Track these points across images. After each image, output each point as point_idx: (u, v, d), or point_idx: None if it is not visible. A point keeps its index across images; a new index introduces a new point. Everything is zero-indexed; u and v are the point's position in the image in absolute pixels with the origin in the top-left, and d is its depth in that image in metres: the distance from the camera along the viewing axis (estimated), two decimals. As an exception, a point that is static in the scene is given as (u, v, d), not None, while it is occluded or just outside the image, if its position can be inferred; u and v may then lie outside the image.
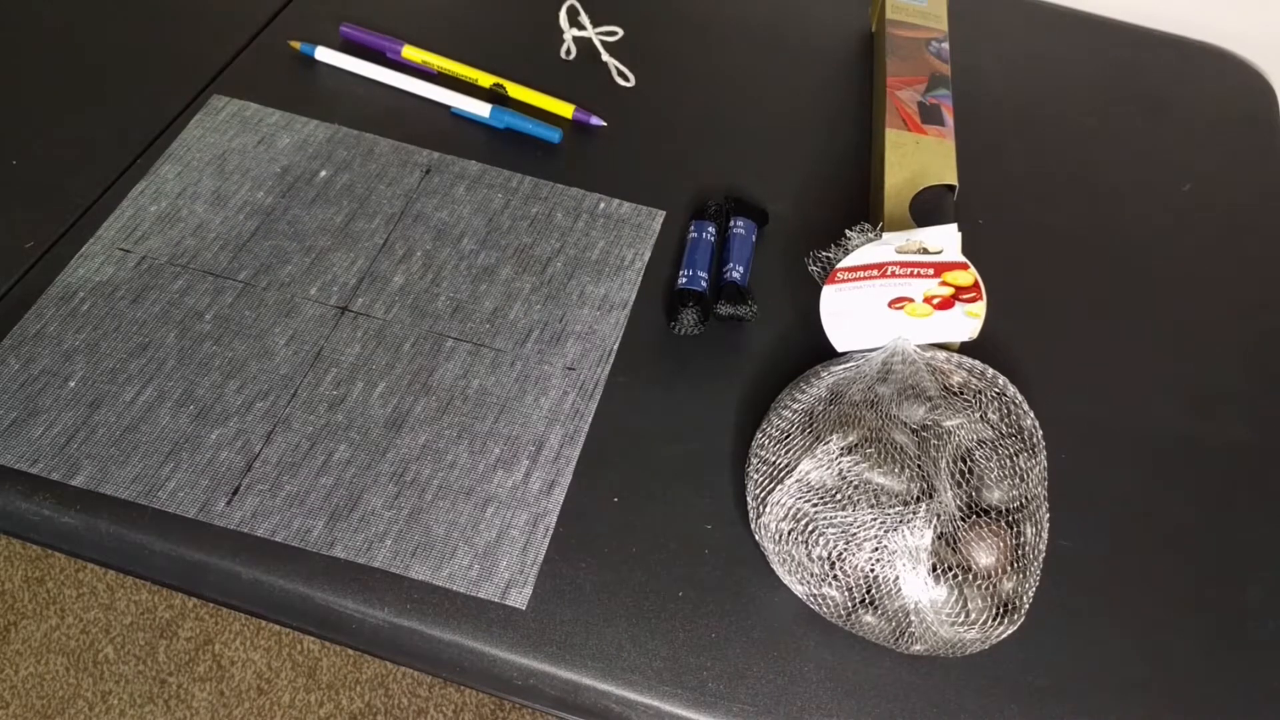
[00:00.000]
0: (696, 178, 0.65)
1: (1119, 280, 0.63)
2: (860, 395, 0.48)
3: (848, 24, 0.77)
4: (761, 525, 0.47)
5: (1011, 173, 0.69)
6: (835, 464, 0.46)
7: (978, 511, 0.45)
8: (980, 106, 0.72)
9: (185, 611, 1.25)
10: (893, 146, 0.63)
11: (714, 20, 0.76)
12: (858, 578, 0.45)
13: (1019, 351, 0.59)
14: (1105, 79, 0.76)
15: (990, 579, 0.44)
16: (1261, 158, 0.72)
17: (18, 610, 1.25)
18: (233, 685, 1.21)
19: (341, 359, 0.54)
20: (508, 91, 0.68)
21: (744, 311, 0.57)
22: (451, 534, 0.49)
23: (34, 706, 1.18)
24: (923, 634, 0.44)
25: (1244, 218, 0.68)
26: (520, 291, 0.58)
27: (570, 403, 0.54)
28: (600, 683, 0.46)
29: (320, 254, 0.58)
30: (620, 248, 0.61)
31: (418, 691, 1.21)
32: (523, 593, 0.47)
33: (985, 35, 0.78)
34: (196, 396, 0.52)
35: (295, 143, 0.63)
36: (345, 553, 0.48)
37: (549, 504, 0.50)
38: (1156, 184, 0.69)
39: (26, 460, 0.49)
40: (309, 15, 0.72)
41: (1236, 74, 0.78)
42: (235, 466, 0.50)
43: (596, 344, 0.56)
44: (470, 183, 0.63)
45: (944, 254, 0.49)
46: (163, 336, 0.54)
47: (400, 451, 0.51)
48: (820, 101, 0.71)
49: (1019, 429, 0.48)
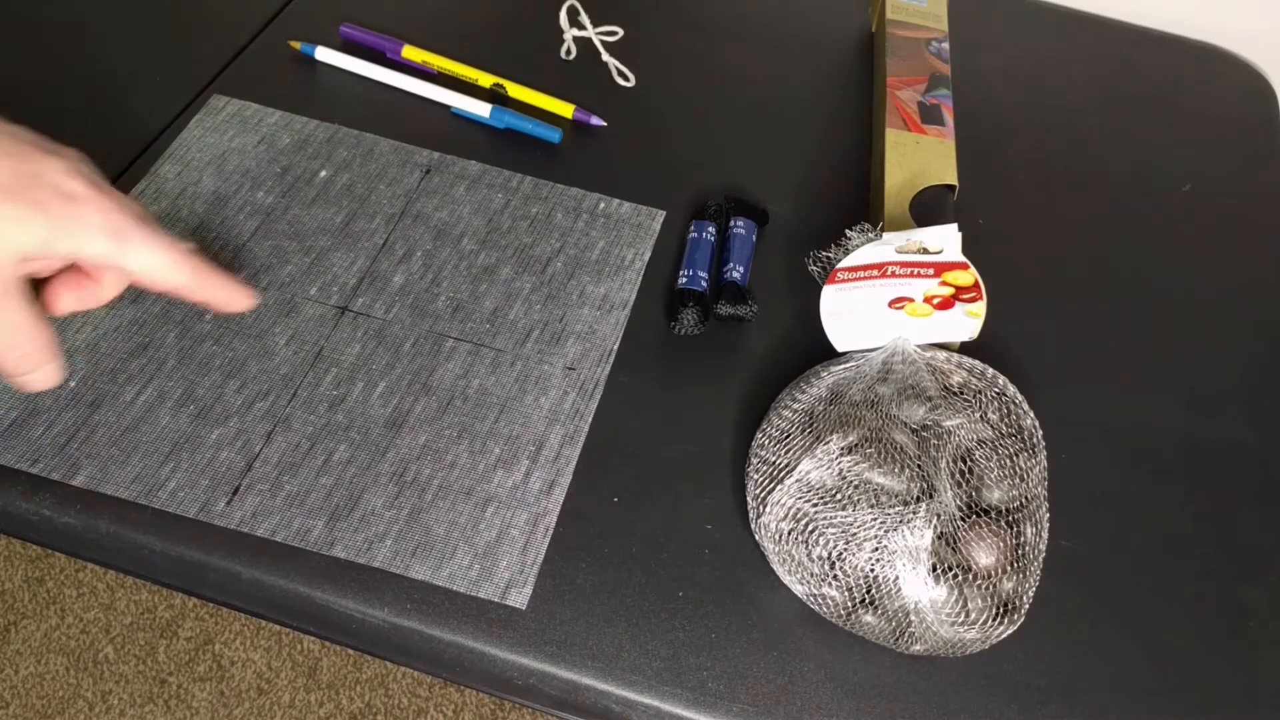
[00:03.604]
0: (696, 178, 0.65)
1: (1119, 280, 0.63)
2: (860, 395, 0.48)
3: (848, 24, 0.77)
4: (761, 525, 0.47)
5: (1011, 173, 0.69)
6: (835, 464, 0.46)
7: (978, 511, 0.45)
8: (980, 106, 0.72)
9: (185, 611, 1.25)
10: (893, 146, 0.63)
11: (714, 20, 0.76)
12: (858, 578, 0.45)
13: (1019, 351, 0.59)
14: (1105, 79, 0.76)
15: (990, 579, 0.44)
16: (1261, 158, 0.72)
17: (18, 610, 1.25)
18: (233, 685, 1.21)
19: (341, 359, 0.54)
20: (508, 91, 0.68)
21: (744, 311, 0.57)
22: (451, 534, 0.49)
23: (34, 706, 1.18)
24: (923, 634, 0.44)
25: (1244, 218, 0.68)
26: (520, 291, 0.58)
27: (570, 403, 0.54)
28: (600, 683, 0.46)
29: (320, 254, 0.58)
30: (620, 248, 0.61)
31: (418, 691, 1.21)
32: (523, 593, 0.47)
33: (985, 35, 0.78)
34: (196, 396, 0.52)
35: (295, 143, 0.63)
36: (345, 553, 0.48)
37: (549, 504, 0.50)
38: (1156, 184, 0.69)
39: (26, 460, 0.49)
40: (309, 15, 0.72)
41: (1236, 74, 0.78)
42: (235, 466, 0.50)
43: (596, 344, 0.56)
44: (470, 183, 0.63)
45: (944, 254, 0.49)
46: (163, 336, 0.54)
47: (400, 451, 0.51)
48: (820, 101, 0.71)
49: (1019, 429, 0.48)
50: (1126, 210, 0.67)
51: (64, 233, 0.42)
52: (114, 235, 0.43)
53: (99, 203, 0.43)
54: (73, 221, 0.42)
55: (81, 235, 0.42)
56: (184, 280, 0.45)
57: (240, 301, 0.48)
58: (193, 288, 0.46)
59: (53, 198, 0.41)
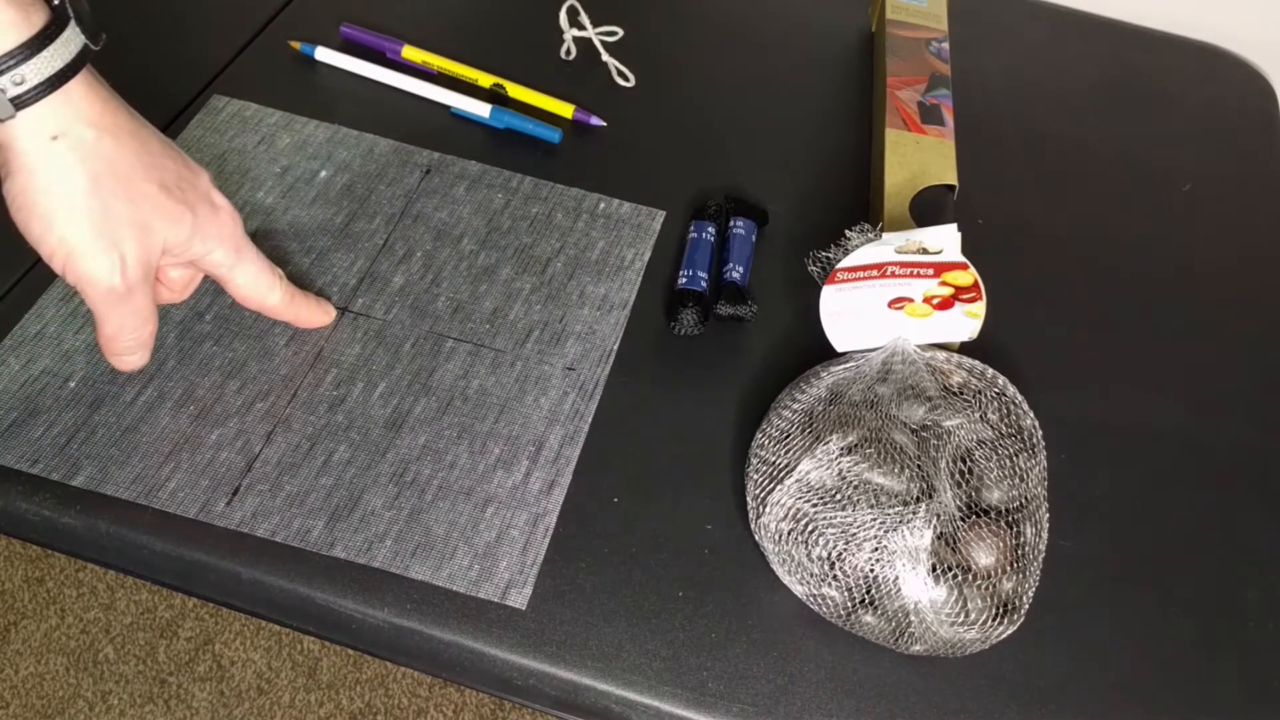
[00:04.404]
0: (696, 178, 0.65)
1: (1119, 280, 0.63)
2: (860, 395, 0.48)
3: (848, 24, 0.77)
4: (761, 525, 0.47)
5: (1011, 173, 0.69)
6: (835, 464, 0.46)
7: (977, 511, 0.45)
8: (980, 106, 0.72)
9: (185, 611, 1.25)
10: (893, 146, 0.63)
11: (714, 20, 0.76)
12: (858, 578, 0.45)
13: (1019, 351, 0.59)
14: (1105, 79, 0.76)
15: (990, 579, 0.44)
16: (1261, 158, 0.72)
17: (18, 610, 1.25)
18: (233, 685, 1.21)
19: (341, 359, 0.54)
20: (508, 91, 0.68)
21: (744, 311, 0.57)
22: (451, 534, 0.49)
23: (34, 706, 1.18)
24: (923, 634, 0.44)
25: (1244, 217, 0.68)
26: (520, 292, 0.58)
27: (570, 403, 0.54)
28: (600, 683, 0.46)
29: (320, 254, 0.58)
30: (620, 248, 0.61)
31: (418, 691, 1.21)
32: (523, 593, 0.47)
33: (985, 35, 0.78)
34: (196, 397, 0.52)
35: (295, 143, 0.63)
36: (345, 553, 0.48)
37: (549, 504, 0.50)
38: (1156, 184, 0.69)
39: (27, 460, 0.49)
40: (309, 15, 0.72)
41: (1236, 74, 0.78)
42: (235, 467, 0.50)
43: (596, 344, 0.56)
44: (470, 183, 0.63)
45: (944, 254, 0.49)
46: (163, 336, 0.54)
47: (400, 452, 0.51)
48: (820, 101, 0.71)
49: (1019, 429, 0.48)
50: (1126, 210, 0.67)
51: (202, 237, 0.47)
52: (236, 247, 0.48)
53: (234, 216, 0.48)
54: (213, 226, 0.47)
55: (212, 242, 0.47)
56: (277, 302, 0.51)
57: (322, 318, 0.54)
58: (281, 309, 0.52)
59: (201, 203, 0.46)
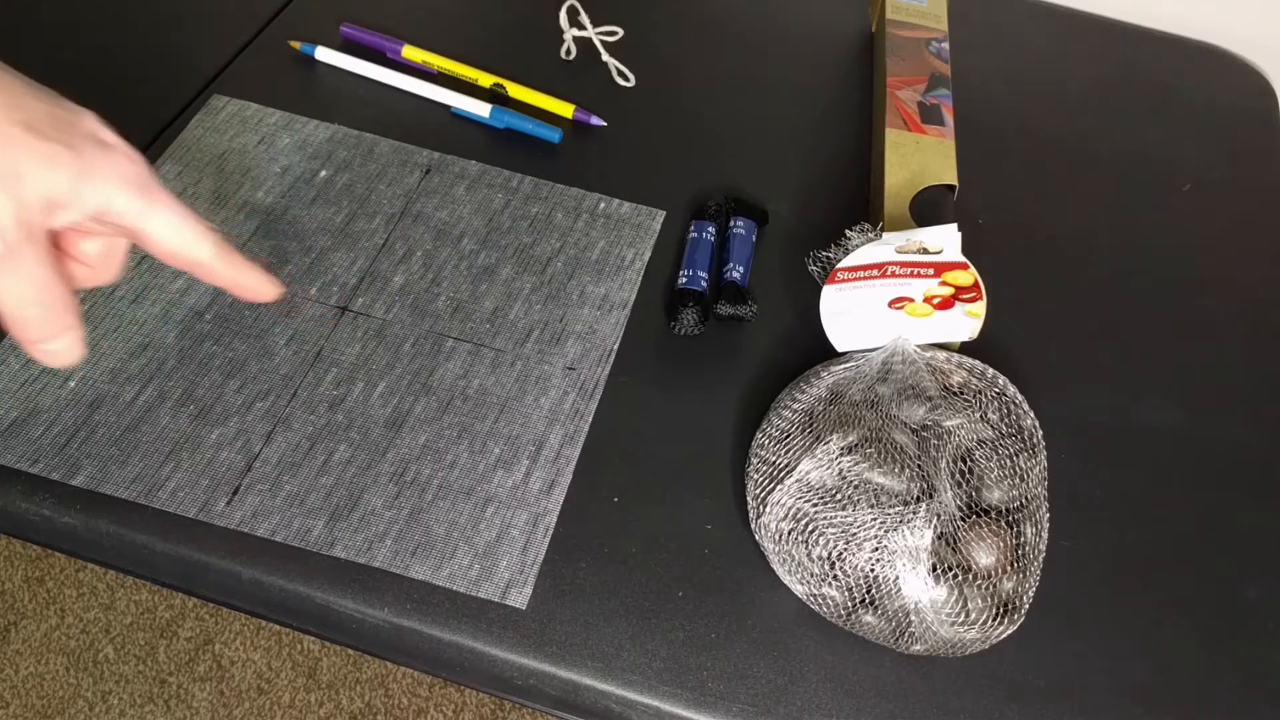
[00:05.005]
0: (696, 178, 0.65)
1: (1119, 280, 0.63)
2: (860, 395, 0.48)
3: (848, 24, 0.77)
4: (761, 525, 0.47)
5: (1011, 173, 0.69)
6: (835, 464, 0.46)
7: (978, 511, 0.45)
8: (980, 106, 0.72)
9: (185, 611, 1.25)
10: (893, 146, 0.63)
11: (714, 20, 0.76)
12: (858, 578, 0.45)
13: (1019, 351, 0.59)
14: (1105, 79, 0.76)
15: (990, 579, 0.44)
16: (1261, 158, 0.72)
17: (18, 610, 1.25)
18: (233, 685, 1.21)
19: (341, 359, 0.54)
20: (508, 91, 0.68)
21: (744, 311, 0.57)
22: (451, 534, 0.49)
23: (34, 706, 1.18)
24: (923, 634, 0.44)
25: (1244, 217, 0.68)
26: (520, 291, 0.58)
27: (570, 403, 0.54)
28: (600, 683, 0.46)
29: (320, 254, 0.58)
30: (620, 248, 0.61)
31: (418, 691, 1.21)
32: (523, 593, 0.47)
33: (985, 35, 0.78)
34: (196, 396, 0.52)
35: (295, 143, 0.63)
36: (345, 553, 0.48)
37: (549, 504, 0.50)
38: (1156, 184, 0.69)
39: (26, 460, 0.49)
40: (309, 15, 0.72)
41: (1236, 74, 0.78)
42: (235, 466, 0.50)
43: (596, 344, 0.56)
44: (470, 183, 0.63)
45: (944, 254, 0.49)
46: (163, 336, 0.54)
47: (400, 451, 0.51)
48: (820, 101, 0.71)
49: (1019, 429, 0.48)
50: (1126, 210, 0.67)
51: (93, 180, 0.38)
52: (143, 191, 0.39)
53: (131, 154, 0.40)
54: (105, 167, 0.38)
55: (110, 186, 0.39)
56: (206, 255, 0.42)
57: (265, 289, 0.45)
58: (215, 266, 0.42)
59: (85, 142, 0.38)
